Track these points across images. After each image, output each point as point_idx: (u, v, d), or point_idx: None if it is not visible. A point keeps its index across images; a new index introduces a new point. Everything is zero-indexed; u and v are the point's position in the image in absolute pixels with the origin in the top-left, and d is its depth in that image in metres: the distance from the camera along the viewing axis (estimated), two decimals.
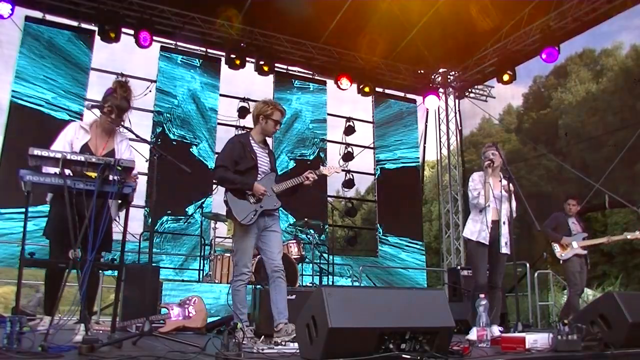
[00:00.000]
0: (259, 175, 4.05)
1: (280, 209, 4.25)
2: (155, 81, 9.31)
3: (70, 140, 3.63)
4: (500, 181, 4.92)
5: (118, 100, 3.67)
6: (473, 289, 4.80)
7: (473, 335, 4.16)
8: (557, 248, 6.22)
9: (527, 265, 8.48)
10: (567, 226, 6.33)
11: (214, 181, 5.45)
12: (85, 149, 3.62)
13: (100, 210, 3.07)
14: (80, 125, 3.75)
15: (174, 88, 9.39)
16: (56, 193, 3.48)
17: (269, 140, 4.40)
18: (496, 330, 4.51)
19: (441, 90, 11.43)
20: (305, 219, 7.32)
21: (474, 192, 4.83)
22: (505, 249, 4.74)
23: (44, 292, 3.75)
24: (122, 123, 3.78)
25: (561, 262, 6.23)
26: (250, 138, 4.18)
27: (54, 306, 3.49)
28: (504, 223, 4.76)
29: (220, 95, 9.87)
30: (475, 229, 4.78)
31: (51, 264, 3.55)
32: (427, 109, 11.42)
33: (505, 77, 9.78)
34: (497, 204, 4.79)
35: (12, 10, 7.71)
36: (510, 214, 4.79)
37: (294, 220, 8.92)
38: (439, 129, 11.63)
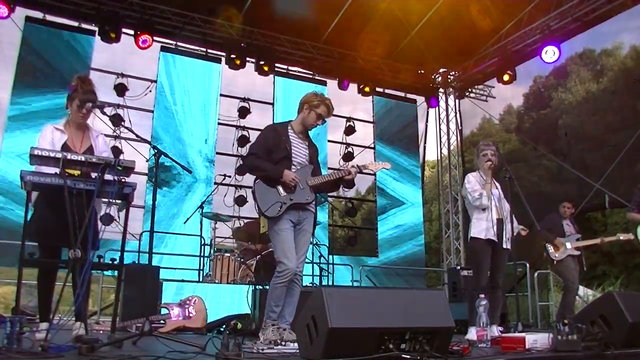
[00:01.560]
0: (292, 167, 3.82)
1: None
2: (155, 81, 9.32)
3: (50, 142, 3.61)
4: (495, 183, 4.96)
5: (84, 95, 3.66)
6: (473, 288, 4.79)
7: (471, 335, 4.17)
8: (550, 249, 6.24)
9: (527, 265, 8.48)
10: (561, 227, 6.37)
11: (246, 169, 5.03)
12: (65, 148, 3.60)
13: (86, 209, 3.06)
14: (54, 127, 3.72)
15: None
16: (41, 193, 3.44)
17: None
18: (496, 330, 4.52)
19: (441, 90, 11.43)
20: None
21: (474, 193, 4.80)
22: (508, 244, 4.78)
23: (38, 296, 3.65)
24: (92, 115, 3.76)
25: (555, 262, 6.25)
26: (289, 127, 3.98)
27: (49, 310, 3.49)
28: (506, 220, 4.80)
29: (221, 95, 9.89)
30: (483, 227, 4.75)
31: (51, 264, 3.55)
32: (427, 109, 11.43)
33: (506, 77, 9.79)
34: (497, 202, 4.81)
35: (10, 11, 7.70)
36: (510, 213, 4.82)
37: None
38: (439, 129, 11.63)
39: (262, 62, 9.30)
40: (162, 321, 5.10)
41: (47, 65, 8.36)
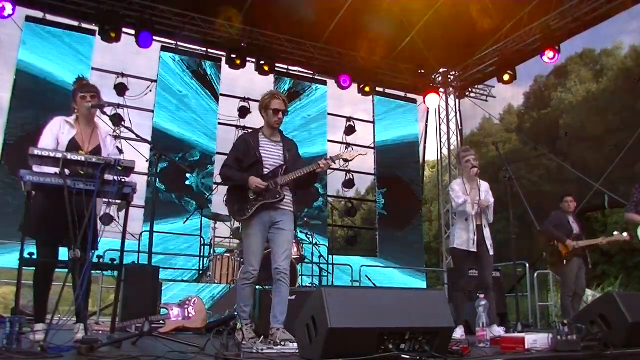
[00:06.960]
0: (264, 170, 3.94)
1: None
2: (155, 81, 9.32)
3: (56, 135, 3.59)
4: (479, 187, 5.00)
5: (81, 87, 3.73)
6: (454, 290, 5.08)
7: (456, 334, 4.27)
8: (560, 248, 6.09)
9: (527, 265, 8.47)
10: (569, 225, 6.22)
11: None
12: (73, 144, 3.59)
13: (87, 208, 3.04)
14: (65, 119, 3.70)
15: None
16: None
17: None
18: (497, 330, 4.55)
19: (441, 90, 11.42)
20: (305, 219, 7.32)
21: (458, 200, 4.92)
22: (491, 251, 4.92)
23: (33, 295, 3.56)
24: (100, 103, 3.75)
25: (565, 262, 6.10)
26: (260, 134, 4.15)
27: (45, 311, 3.46)
28: (484, 226, 4.95)
29: (221, 95, 9.89)
30: (464, 239, 4.90)
31: (50, 264, 3.54)
32: (428, 108, 11.43)
33: (506, 77, 9.78)
34: (477, 208, 4.93)
35: (13, 10, 7.70)
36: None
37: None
38: (439, 129, 11.63)
39: (262, 62, 9.30)
40: (161, 321, 5.09)
41: (48, 65, 8.36)
